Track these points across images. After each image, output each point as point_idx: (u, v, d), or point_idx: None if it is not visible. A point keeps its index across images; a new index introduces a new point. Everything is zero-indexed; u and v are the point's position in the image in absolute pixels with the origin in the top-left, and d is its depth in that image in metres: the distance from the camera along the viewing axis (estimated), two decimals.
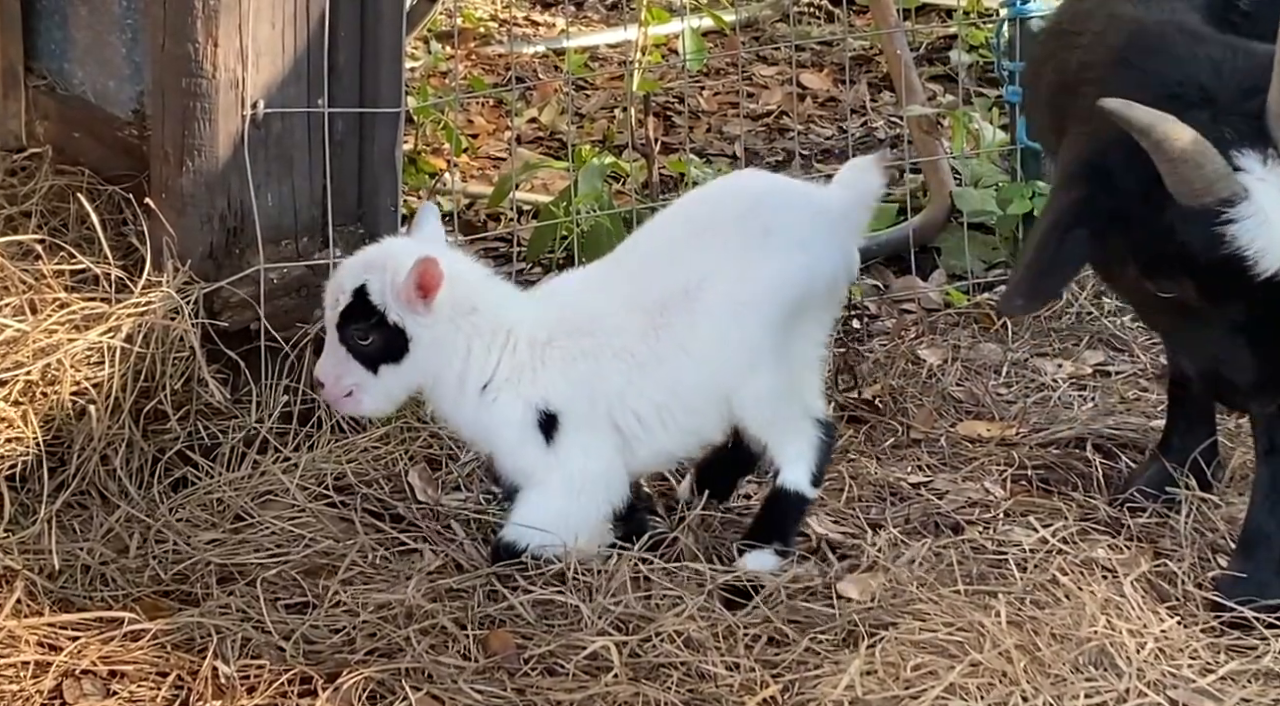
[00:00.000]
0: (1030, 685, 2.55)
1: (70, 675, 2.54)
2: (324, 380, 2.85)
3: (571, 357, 2.89)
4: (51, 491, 2.91)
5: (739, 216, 2.94)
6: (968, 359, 3.81)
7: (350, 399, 2.86)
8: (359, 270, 2.83)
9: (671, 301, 2.89)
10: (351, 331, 2.82)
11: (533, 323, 2.90)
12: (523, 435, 2.88)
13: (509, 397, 2.88)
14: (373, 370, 2.83)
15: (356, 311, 2.81)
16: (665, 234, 3.01)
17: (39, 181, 3.49)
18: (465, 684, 2.58)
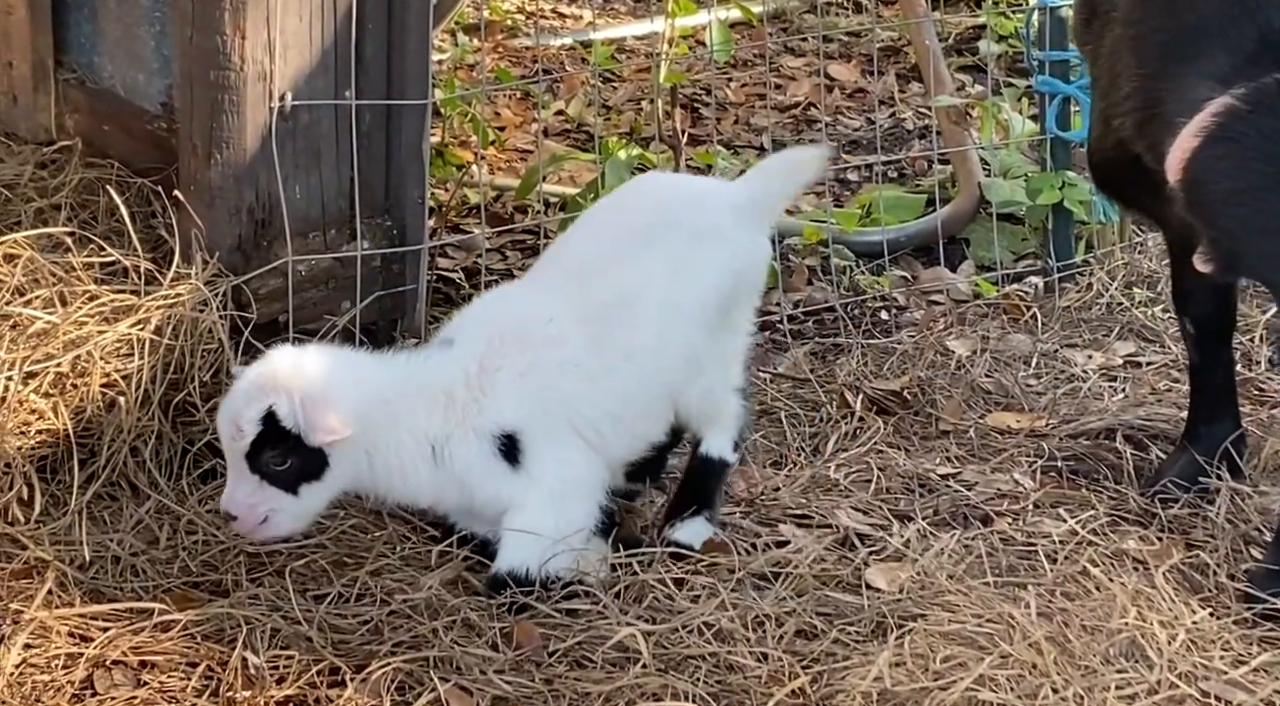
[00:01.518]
0: (1061, 677, 2.54)
1: (101, 665, 2.56)
2: (236, 513, 2.70)
3: (516, 374, 2.82)
4: (82, 483, 2.92)
5: (657, 220, 2.96)
6: (997, 350, 3.79)
7: (267, 524, 2.72)
8: (258, 395, 2.68)
9: (609, 311, 2.87)
10: (266, 459, 2.69)
11: (456, 363, 2.82)
12: (487, 469, 2.81)
13: (461, 441, 2.80)
14: (293, 492, 2.72)
15: (268, 438, 2.67)
16: (589, 244, 2.99)
17: (69, 174, 3.50)
18: (494, 675, 2.58)
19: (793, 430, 3.43)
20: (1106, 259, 4.17)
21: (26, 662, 2.53)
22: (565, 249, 3.04)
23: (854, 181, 4.84)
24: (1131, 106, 2.81)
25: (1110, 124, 2.91)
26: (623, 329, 2.87)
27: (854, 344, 3.81)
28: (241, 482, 2.70)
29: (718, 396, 3.01)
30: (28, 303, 3.08)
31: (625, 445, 2.92)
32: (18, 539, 2.81)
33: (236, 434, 2.67)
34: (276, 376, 2.70)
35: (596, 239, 2.99)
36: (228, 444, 2.70)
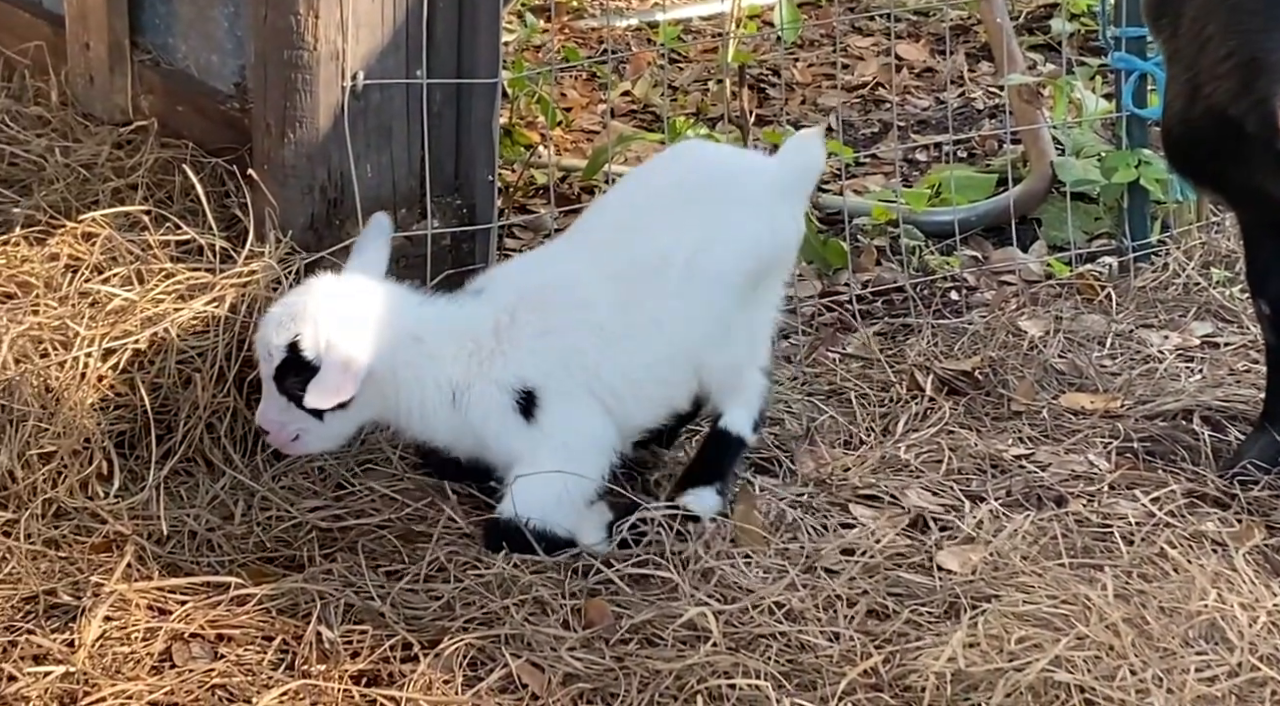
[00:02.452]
0: (1139, 658, 2.51)
1: (179, 638, 2.58)
2: (268, 427, 2.82)
3: (540, 332, 2.84)
4: (159, 458, 2.96)
5: (695, 187, 2.95)
6: (1070, 330, 3.75)
7: (297, 442, 2.83)
8: (287, 324, 2.75)
9: (642, 275, 2.87)
10: (290, 385, 2.76)
11: (489, 313, 2.85)
12: (503, 421, 2.84)
13: (481, 392, 2.83)
14: (317, 417, 2.79)
15: (292, 366, 2.75)
16: (627, 206, 2.99)
17: (145, 154, 3.54)
18: (565, 652, 2.59)
19: (862, 410, 3.41)
20: (1183, 238, 4.11)
21: (107, 635, 2.56)
22: (602, 212, 3.06)
23: (923, 161, 4.80)
24: (1230, 67, 2.75)
25: (1200, 93, 2.85)
26: (652, 293, 2.87)
27: (924, 324, 3.78)
28: (272, 401, 2.80)
29: (741, 371, 3.01)
30: (106, 280, 3.12)
31: (645, 411, 2.93)
32: (97, 513, 2.85)
33: (266, 356, 2.78)
34: (308, 307, 2.77)
35: (633, 203, 3.00)
36: (262, 367, 2.80)
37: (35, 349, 2.99)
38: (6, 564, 2.72)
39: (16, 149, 3.65)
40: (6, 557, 2.74)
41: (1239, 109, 2.77)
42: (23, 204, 3.47)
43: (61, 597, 2.64)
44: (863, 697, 2.49)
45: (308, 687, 2.48)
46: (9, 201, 3.50)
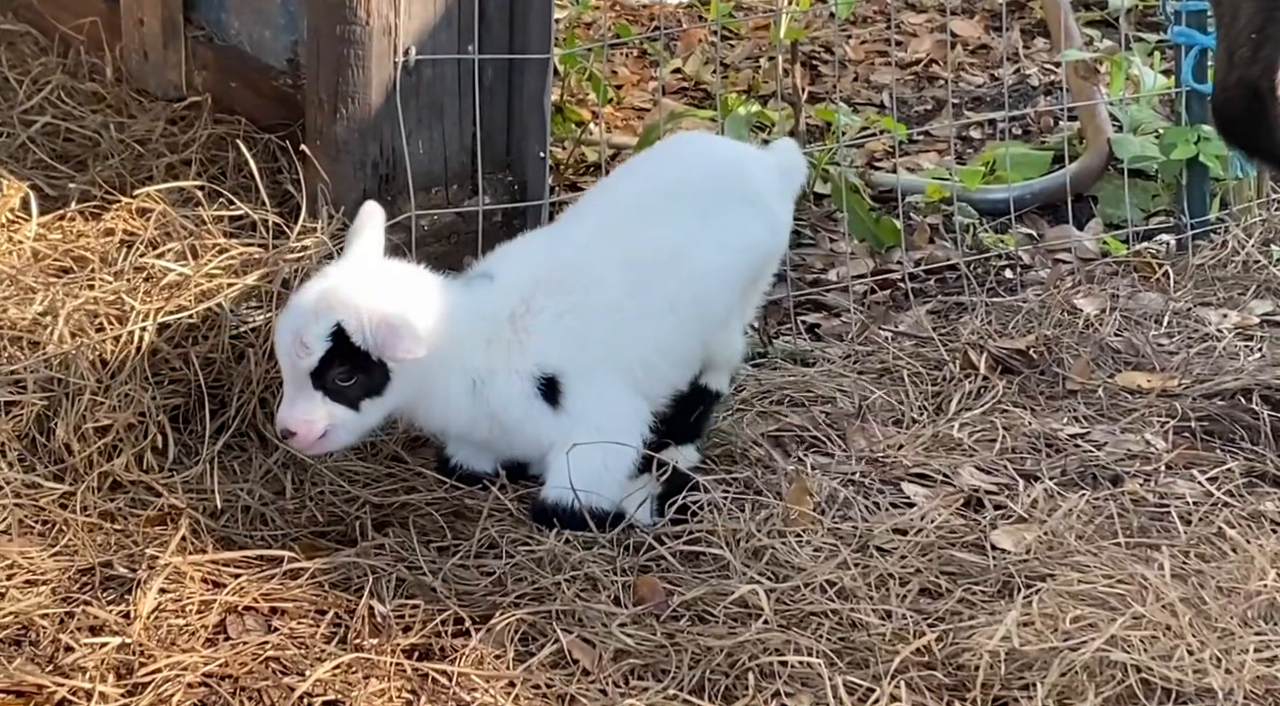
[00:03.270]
0: (1196, 639, 2.48)
1: (233, 611, 2.60)
2: (296, 429, 2.70)
3: (556, 315, 2.83)
4: (213, 433, 2.97)
5: (705, 181, 3.01)
6: (1127, 309, 3.71)
7: (323, 440, 2.73)
8: (325, 311, 2.67)
9: (654, 262, 2.90)
10: (335, 376, 2.69)
11: (504, 299, 2.83)
12: (527, 409, 2.83)
13: (502, 379, 2.82)
14: (355, 408, 2.73)
15: (338, 354, 2.67)
16: (637, 195, 3.00)
17: (198, 130, 3.56)
18: (616, 628, 2.58)
19: (915, 389, 3.39)
20: (1243, 215, 4.05)
21: (162, 607, 2.58)
22: (611, 197, 3.06)
23: (977, 139, 4.76)
24: (1249, 32, 2.75)
25: (1233, 59, 2.84)
26: (665, 281, 2.90)
27: (977, 302, 3.74)
28: (301, 399, 2.70)
29: (733, 343, 3.13)
30: (160, 255, 3.14)
31: (654, 391, 2.96)
32: (152, 486, 2.87)
33: (302, 351, 2.67)
34: (343, 292, 2.70)
35: (644, 191, 3.02)
36: (290, 360, 2.69)
37: (91, 323, 3.02)
38: (64, 536, 2.75)
39: (72, 125, 3.67)
40: (63, 530, 2.76)
41: (1255, 73, 2.76)
42: (78, 179, 3.49)
43: (117, 570, 2.66)
44: (915, 676, 2.47)
45: (360, 661, 2.49)
46: (65, 177, 3.53)
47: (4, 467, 2.83)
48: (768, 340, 3.58)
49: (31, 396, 2.89)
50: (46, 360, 2.94)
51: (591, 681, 2.48)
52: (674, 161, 3.12)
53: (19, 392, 2.90)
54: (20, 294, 3.10)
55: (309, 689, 2.43)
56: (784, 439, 3.19)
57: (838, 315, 3.77)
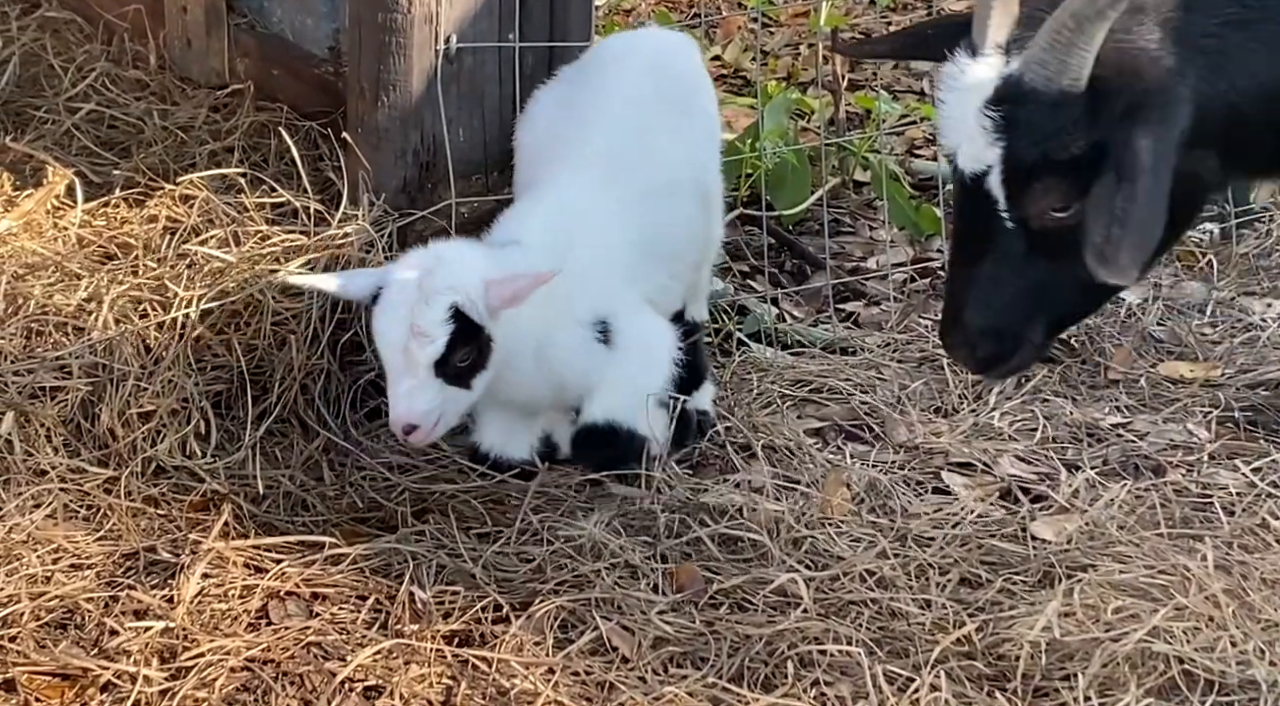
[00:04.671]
0: (1239, 630, 2.46)
1: (275, 596, 2.62)
2: (420, 420, 2.68)
3: (592, 264, 2.89)
4: (255, 419, 2.99)
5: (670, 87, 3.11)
6: (1169, 298, 3.68)
7: (437, 426, 2.73)
8: (438, 296, 2.67)
9: (666, 185, 3.01)
10: (457, 358, 2.69)
11: (544, 258, 2.84)
12: (589, 356, 2.90)
13: (563, 335, 2.87)
14: (468, 387, 2.75)
15: (461, 334, 2.68)
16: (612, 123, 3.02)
17: (240, 117, 3.57)
18: (655, 616, 2.59)
19: (954, 377, 3.37)
20: None
21: (205, 592, 2.60)
22: (587, 132, 3.03)
23: None
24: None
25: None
26: (670, 206, 3.00)
27: None
28: (422, 391, 2.68)
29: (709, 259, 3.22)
30: (203, 242, 3.16)
31: (669, 306, 3.07)
32: (195, 472, 2.89)
33: (423, 341, 2.65)
34: (440, 275, 2.70)
35: (613, 115, 3.04)
36: (404, 354, 2.66)
37: (135, 309, 3.04)
38: (108, 521, 2.77)
39: (116, 112, 3.69)
40: (108, 515, 2.79)
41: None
42: (122, 166, 3.51)
43: (161, 554, 2.69)
44: (955, 666, 2.47)
45: (401, 647, 2.50)
46: (109, 164, 3.55)
47: (49, 452, 2.85)
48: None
49: (76, 382, 2.92)
50: (91, 346, 2.96)
51: (630, 668, 2.49)
52: (616, 71, 3.12)
53: (64, 378, 2.93)
54: (65, 280, 3.13)
55: (350, 674, 2.44)
56: (823, 428, 3.19)
57: (877, 303, 3.75)
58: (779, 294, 3.74)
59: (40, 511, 2.75)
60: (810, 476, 2.97)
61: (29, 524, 2.72)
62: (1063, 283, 2.40)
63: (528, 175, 3.11)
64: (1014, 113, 2.33)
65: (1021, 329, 2.47)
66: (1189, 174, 2.36)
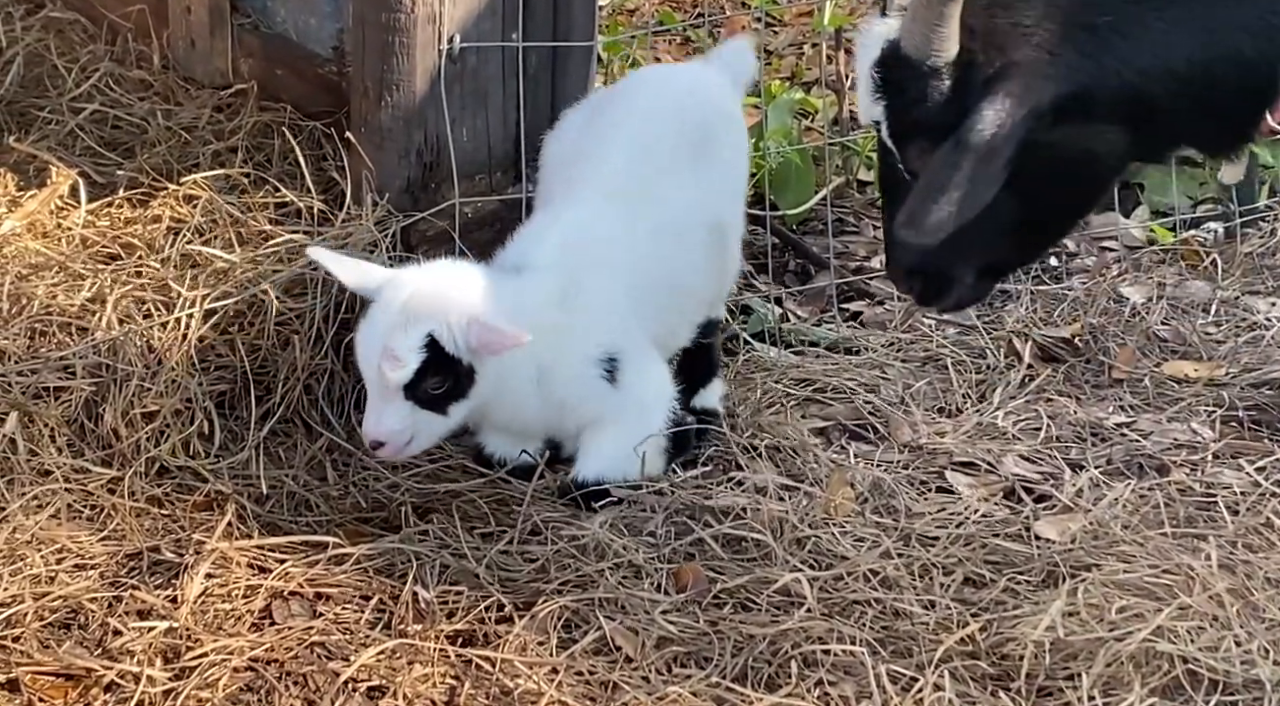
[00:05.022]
0: (1244, 630, 2.46)
1: (279, 596, 2.62)
2: (388, 439, 2.71)
3: (605, 294, 2.87)
4: (258, 419, 2.99)
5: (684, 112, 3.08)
6: (1174, 297, 3.68)
7: (409, 445, 2.75)
8: (414, 322, 2.68)
9: (675, 229, 2.98)
10: (429, 384, 2.69)
11: (555, 284, 2.85)
12: (592, 390, 2.87)
13: (566, 366, 2.85)
14: (444, 413, 2.75)
15: (432, 364, 2.68)
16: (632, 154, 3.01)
17: (244, 117, 3.57)
18: (659, 616, 2.58)
19: (958, 377, 3.37)
20: None
21: (208, 592, 2.60)
22: (607, 160, 3.01)
23: None
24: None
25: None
26: (684, 244, 2.98)
27: (1022, 290, 3.72)
28: (390, 411, 2.70)
29: (733, 266, 3.21)
30: (207, 242, 3.16)
31: (679, 340, 3.08)
32: (199, 472, 2.89)
33: (394, 364, 2.66)
34: (427, 301, 2.70)
35: (636, 148, 3.02)
36: (377, 374, 2.68)
37: (138, 309, 3.04)
38: (112, 521, 2.78)
39: (120, 112, 3.70)
40: (111, 515, 2.79)
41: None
42: (126, 166, 3.52)
43: (165, 554, 2.69)
44: (959, 665, 2.46)
45: (404, 647, 2.51)
46: (113, 164, 3.55)
47: (53, 453, 2.85)
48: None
49: (80, 382, 2.92)
50: (95, 346, 2.96)
51: (634, 668, 2.49)
52: (645, 104, 3.11)
53: (68, 378, 2.93)
54: (69, 280, 3.13)
55: (353, 674, 2.44)
56: (827, 427, 3.19)
57: (881, 303, 3.75)
58: (783, 293, 3.74)
59: (44, 511, 2.76)
60: (814, 476, 2.97)
61: (33, 524, 2.72)
62: (967, 231, 2.48)
63: (547, 190, 3.11)
64: (892, 76, 2.46)
65: (947, 269, 2.62)
66: (1082, 150, 2.44)
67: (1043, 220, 2.57)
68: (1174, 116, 2.48)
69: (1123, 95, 2.41)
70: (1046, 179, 2.45)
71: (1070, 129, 2.40)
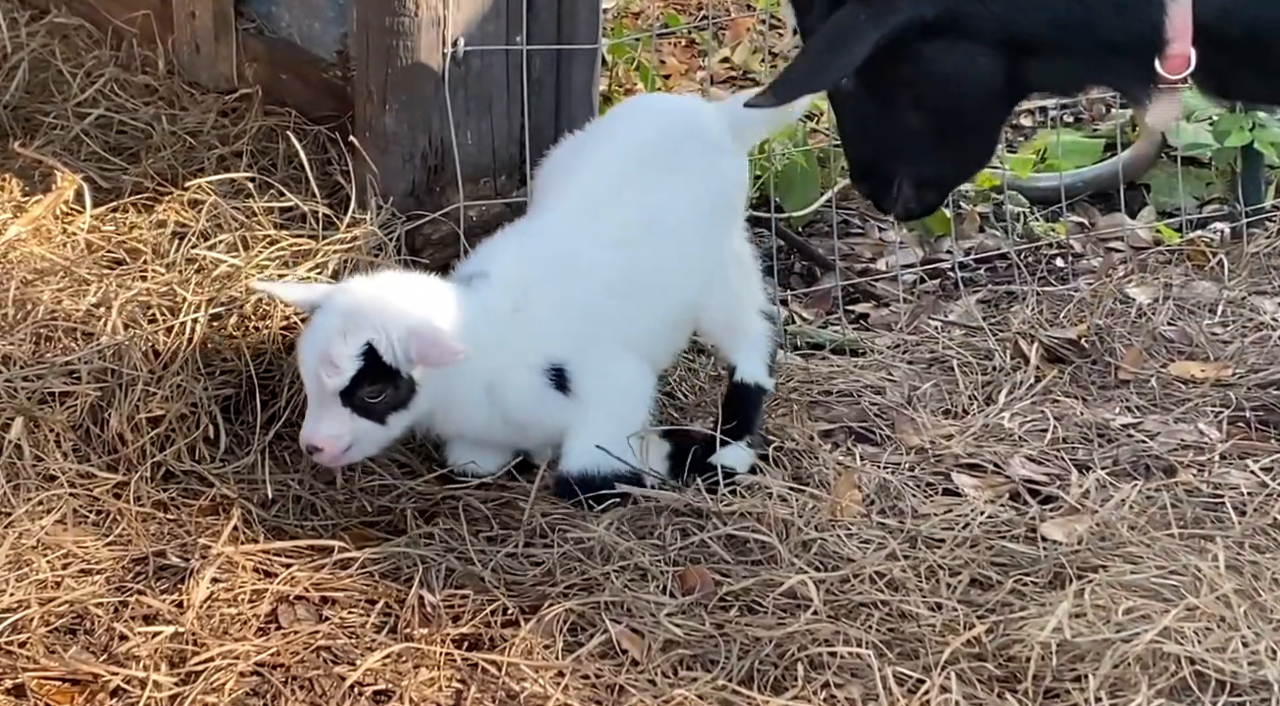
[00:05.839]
0: (1251, 631, 2.45)
1: (285, 600, 2.62)
2: (323, 444, 2.71)
3: (556, 306, 2.86)
4: (264, 423, 2.99)
5: (665, 142, 3.04)
6: (1180, 298, 3.67)
7: (348, 452, 2.75)
8: (353, 331, 2.68)
9: (639, 237, 2.93)
10: (365, 393, 2.70)
11: (506, 295, 2.84)
12: (541, 400, 2.86)
13: (514, 377, 2.84)
14: (382, 422, 2.75)
15: (370, 373, 2.68)
16: (603, 171, 3.00)
17: (249, 122, 3.58)
18: (665, 618, 2.58)
19: (964, 378, 3.37)
20: None
21: (214, 596, 2.60)
22: (577, 177, 3.02)
23: (1027, 127, 4.72)
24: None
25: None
26: (651, 253, 2.94)
27: (1028, 291, 3.72)
28: (328, 416, 2.71)
29: (739, 312, 3.09)
30: (212, 246, 3.16)
31: (658, 355, 3.04)
32: (205, 476, 2.89)
33: (331, 370, 2.67)
34: (369, 310, 2.71)
35: (608, 165, 3.02)
36: (317, 380, 2.70)
37: (143, 314, 3.04)
38: (117, 525, 2.78)
39: (125, 117, 3.70)
40: (117, 519, 2.79)
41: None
42: (131, 171, 3.52)
43: (170, 559, 2.69)
44: (966, 667, 2.46)
45: (410, 651, 2.50)
46: (117, 169, 3.56)
47: (59, 458, 2.86)
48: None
49: (85, 387, 2.92)
50: (100, 351, 2.97)
51: (640, 671, 2.48)
52: (626, 130, 3.11)
53: (73, 383, 2.93)
54: (74, 285, 3.13)
55: (359, 678, 2.44)
56: (833, 430, 3.18)
57: (887, 305, 3.75)
58: (788, 295, 3.74)
59: (50, 516, 2.76)
60: (820, 478, 2.97)
61: (38, 529, 2.72)
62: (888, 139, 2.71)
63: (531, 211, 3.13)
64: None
65: (886, 173, 2.78)
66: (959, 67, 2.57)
67: (948, 135, 2.69)
68: (1064, 52, 2.57)
69: (993, 25, 2.52)
70: (933, 90, 2.60)
71: (943, 44, 2.53)
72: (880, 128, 2.71)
